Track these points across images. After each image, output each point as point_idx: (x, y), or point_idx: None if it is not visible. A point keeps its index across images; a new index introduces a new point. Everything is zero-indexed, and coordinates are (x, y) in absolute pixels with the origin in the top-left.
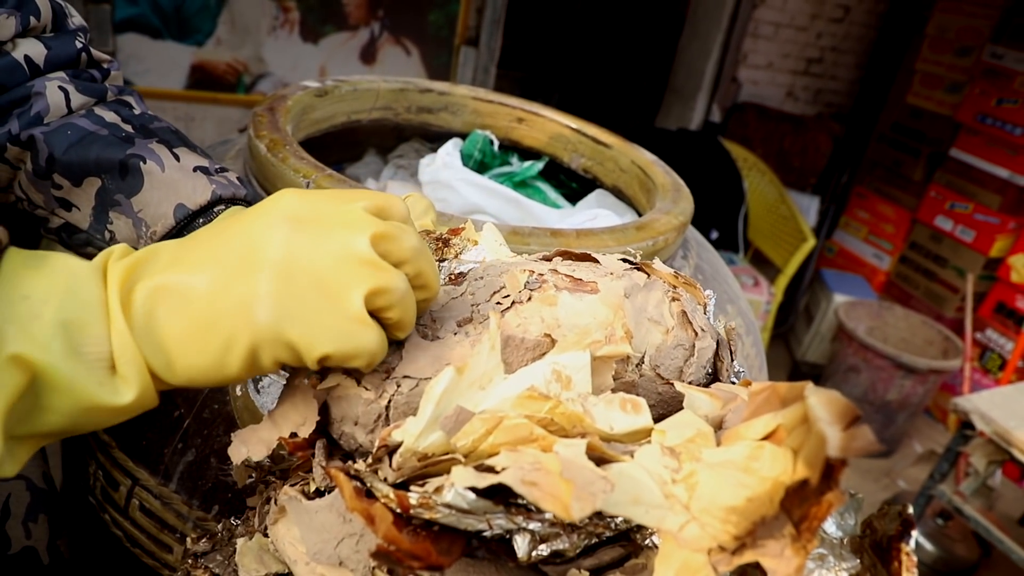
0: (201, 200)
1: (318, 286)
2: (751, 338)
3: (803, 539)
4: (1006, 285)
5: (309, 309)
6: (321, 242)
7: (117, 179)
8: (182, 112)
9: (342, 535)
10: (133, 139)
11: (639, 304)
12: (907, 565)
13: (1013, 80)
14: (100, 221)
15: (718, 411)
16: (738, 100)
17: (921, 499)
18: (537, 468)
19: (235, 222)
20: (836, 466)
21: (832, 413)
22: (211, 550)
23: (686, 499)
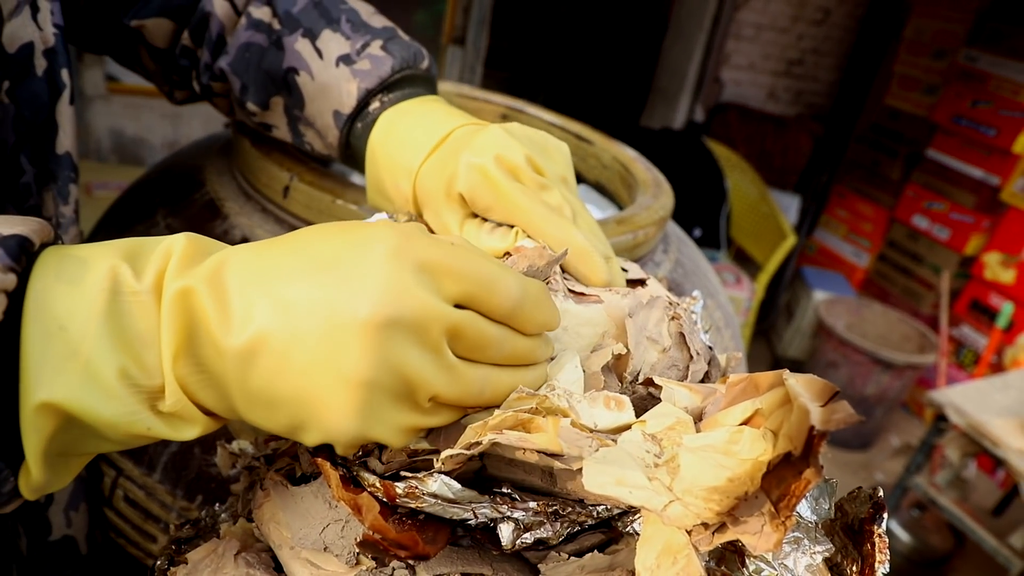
0: (351, 103)
1: (404, 387)
2: (730, 331)
3: (781, 516)
4: (980, 282)
5: (389, 415)
6: (412, 337)
7: (288, 95)
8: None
9: (327, 521)
10: (282, 41)
11: (640, 323)
12: (879, 547)
13: (987, 82)
14: (297, 135)
15: (698, 404)
16: (721, 100)
17: (897, 491)
18: (523, 441)
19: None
20: (815, 441)
21: (811, 392)
22: (194, 536)
23: (668, 481)
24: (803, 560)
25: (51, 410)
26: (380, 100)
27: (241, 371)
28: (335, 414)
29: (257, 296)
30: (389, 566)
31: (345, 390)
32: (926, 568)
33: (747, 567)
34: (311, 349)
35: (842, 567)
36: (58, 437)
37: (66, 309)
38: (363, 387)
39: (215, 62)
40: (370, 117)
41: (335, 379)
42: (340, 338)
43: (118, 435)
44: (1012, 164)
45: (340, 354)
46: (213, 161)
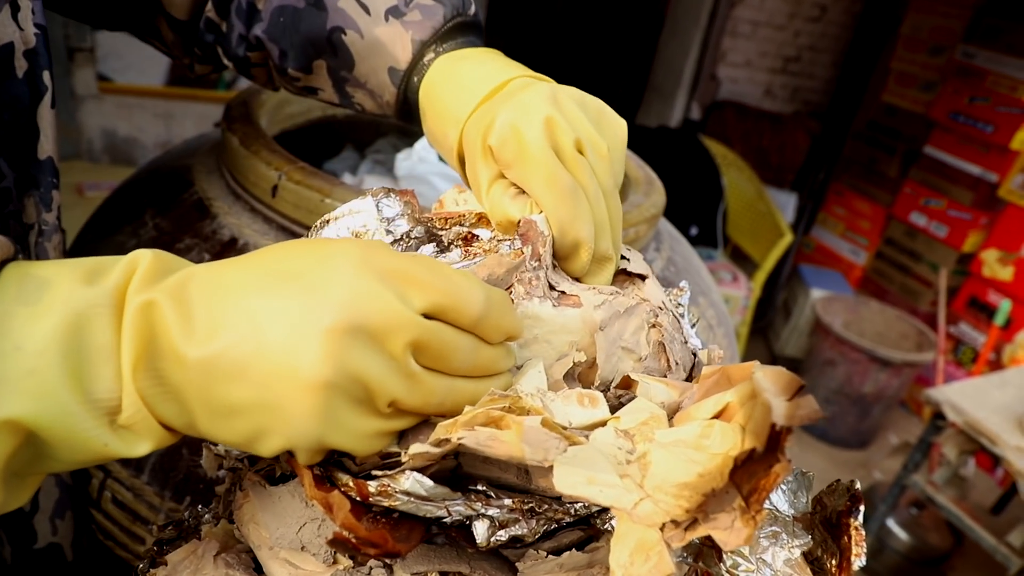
0: (406, 58)
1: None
2: (723, 329)
3: (752, 510)
4: (978, 279)
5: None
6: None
7: (333, 57)
8: (162, 109)
9: (304, 520)
10: (323, 1)
11: (615, 333)
12: (856, 539)
13: (985, 79)
14: (345, 97)
15: (675, 398)
16: (717, 98)
17: (895, 489)
18: (493, 439)
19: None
20: (782, 436)
21: (777, 385)
22: (177, 538)
23: (640, 478)
24: (781, 554)
25: (12, 428)
26: (435, 51)
27: (203, 381)
28: (295, 419)
29: (221, 307)
30: (367, 565)
31: (304, 394)
32: (925, 566)
33: (724, 563)
34: (273, 357)
35: (822, 560)
36: (16, 456)
37: (23, 330)
38: (321, 390)
39: (249, 31)
40: (425, 69)
41: (295, 384)
42: (302, 345)
43: (74, 454)
44: (1010, 161)
45: (301, 360)
46: (202, 161)
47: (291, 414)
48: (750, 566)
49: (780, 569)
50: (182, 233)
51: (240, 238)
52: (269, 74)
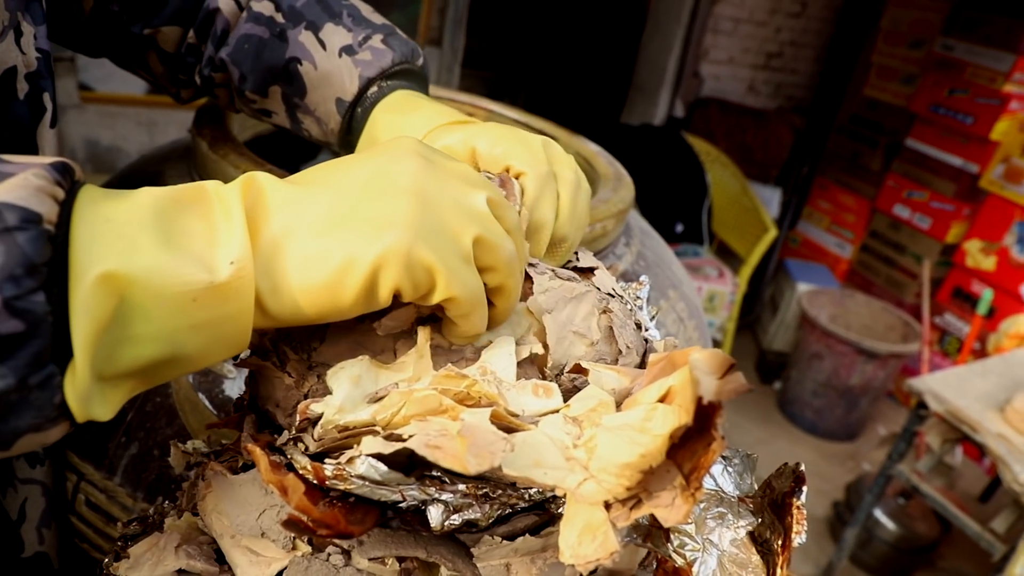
0: (352, 90)
1: (444, 223)
2: (694, 321)
3: (692, 487)
4: (962, 270)
5: (440, 242)
6: (446, 183)
7: (287, 84)
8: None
9: (264, 507)
10: (286, 33)
11: (565, 317)
12: (797, 518)
13: (964, 71)
14: (295, 121)
15: (627, 385)
16: (700, 95)
17: (881, 479)
18: (442, 434)
19: (363, 155)
20: (713, 412)
21: (710, 365)
22: (141, 533)
23: (585, 460)
24: (728, 534)
25: (107, 283)
26: (379, 86)
27: (294, 224)
28: (390, 222)
29: (308, 175)
30: (325, 551)
31: (398, 196)
32: (913, 555)
33: (672, 543)
34: (366, 172)
35: (770, 541)
36: (107, 329)
37: (112, 209)
38: (415, 195)
39: (217, 53)
40: (368, 102)
41: (390, 188)
42: (393, 164)
43: (160, 320)
44: (990, 151)
45: (394, 168)
46: (174, 166)
47: (384, 219)
48: (696, 545)
49: (726, 549)
50: None
51: None
52: (231, 95)
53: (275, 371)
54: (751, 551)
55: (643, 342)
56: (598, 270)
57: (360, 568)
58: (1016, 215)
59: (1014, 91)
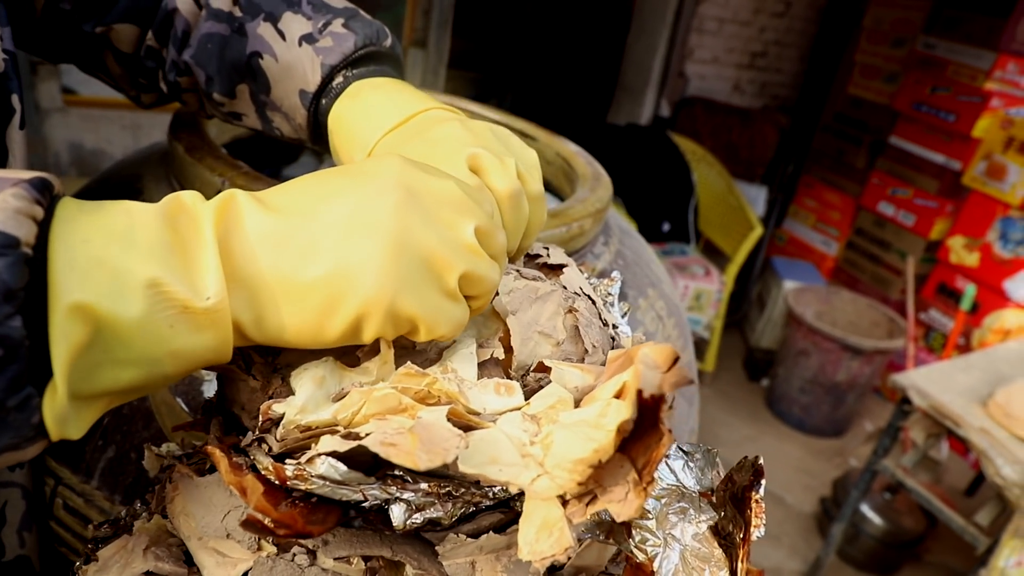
0: (315, 80)
1: (429, 264)
2: (673, 320)
3: (644, 482)
4: (946, 266)
5: (423, 286)
6: (431, 217)
7: (253, 81)
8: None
9: (228, 508)
10: (244, 27)
11: (530, 318)
12: (756, 511)
13: (945, 69)
14: (266, 121)
15: (590, 382)
16: (686, 95)
17: (867, 475)
18: (399, 432)
19: (345, 180)
20: (658, 406)
21: (655, 359)
22: (112, 535)
23: (541, 457)
24: (690, 529)
25: (80, 313)
26: (344, 75)
27: (275, 260)
28: (370, 276)
29: (287, 195)
30: (290, 551)
31: (379, 250)
32: (900, 549)
33: (633, 538)
34: (346, 222)
35: (733, 535)
36: (84, 353)
37: (89, 228)
38: (394, 247)
39: (180, 56)
40: (334, 92)
41: (370, 242)
42: (373, 210)
43: (139, 350)
44: (972, 148)
45: (373, 218)
46: (152, 170)
47: (366, 271)
48: (658, 541)
49: (688, 543)
50: None
51: None
52: (200, 99)
53: (240, 374)
54: (713, 545)
55: (610, 340)
56: (567, 267)
57: (325, 568)
58: (998, 211)
59: (995, 88)
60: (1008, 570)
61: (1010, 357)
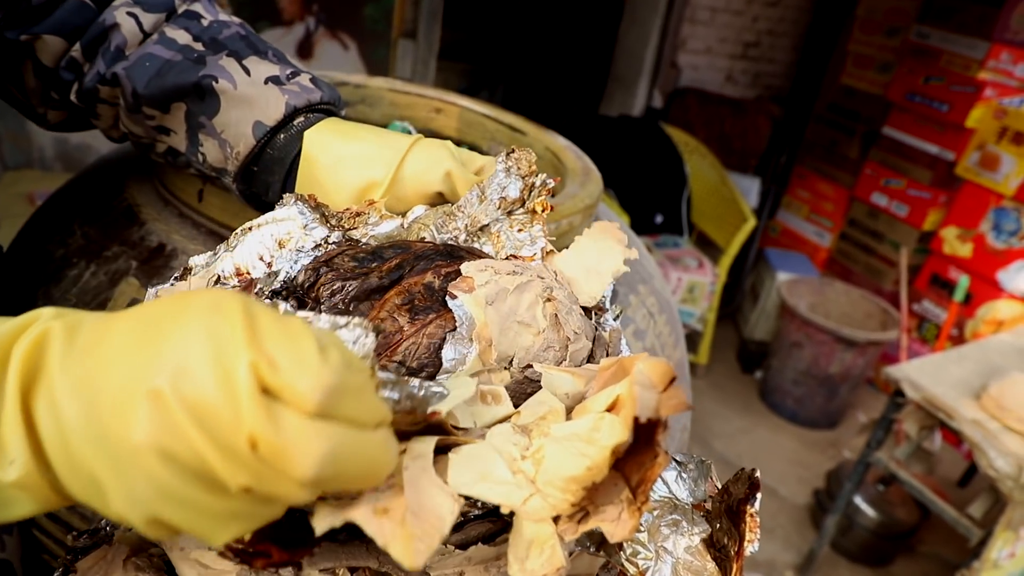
0: (276, 115)
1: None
2: (664, 316)
3: (638, 501)
4: (939, 257)
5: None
6: None
7: (197, 101)
8: None
9: None
10: (204, 59)
11: (508, 308)
12: (751, 525)
13: (939, 58)
14: (193, 143)
15: (581, 388)
16: (679, 85)
17: (860, 467)
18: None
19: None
20: (657, 427)
21: (652, 377)
22: (91, 546)
23: (533, 473)
24: (682, 542)
25: None
26: (306, 116)
27: (59, 437)
28: (125, 484)
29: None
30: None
31: (132, 455)
32: (893, 541)
33: (624, 551)
34: (106, 414)
35: (727, 548)
36: None
37: None
38: (149, 454)
39: (109, 68)
40: (295, 129)
41: (123, 444)
42: (130, 403)
43: None
44: (965, 139)
45: (129, 418)
46: (134, 167)
47: (122, 477)
48: (649, 554)
49: (681, 556)
50: (110, 241)
51: (168, 244)
52: (115, 113)
53: None
54: (706, 558)
55: (592, 327)
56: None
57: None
58: (991, 202)
59: (988, 78)
60: (1001, 561)
61: (1003, 348)
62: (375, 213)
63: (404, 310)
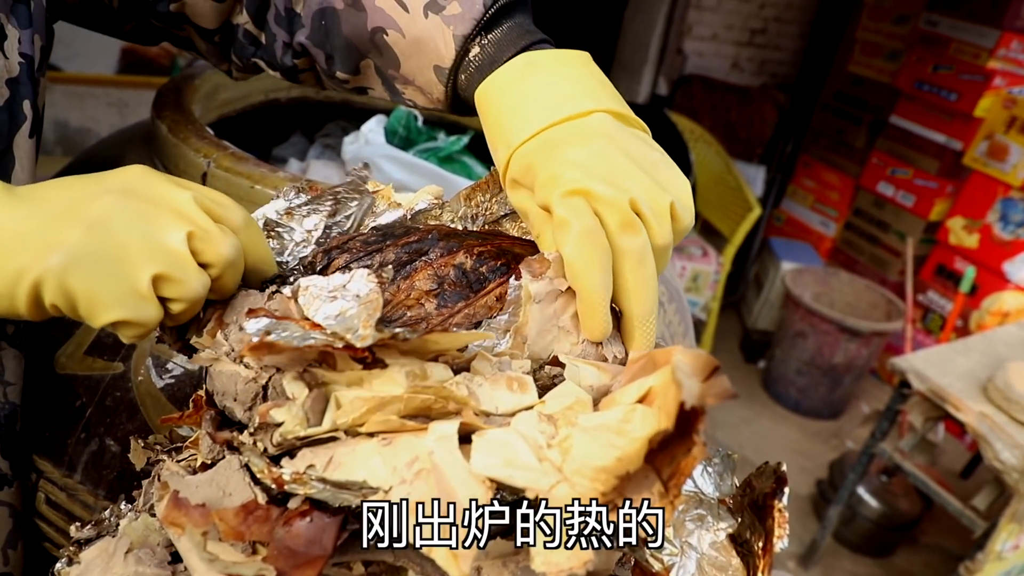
0: (449, 55)
1: (118, 255)
2: (674, 306)
3: (671, 495)
4: (945, 247)
5: (101, 271)
6: (140, 218)
7: (378, 56)
8: (115, 98)
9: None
10: (360, 1)
11: (554, 311)
12: (779, 521)
13: (948, 47)
14: (396, 93)
15: (606, 382)
16: (684, 72)
17: (864, 458)
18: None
19: (84, 182)
20: (696, 417)
21: (693, 367)
22: (96, 537)
23: (559, 462)
24: (707, 537)
25: None
26: (479, 44)
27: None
28: (59, 246)
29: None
30: None
31: (74, 232)
32: (895, 532)
33: (649, 546)
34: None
35: (750, 543)
36: None
37: None
38: (96, 226)
39: (293, 38)
40: (473, 66)
41: (76, 218)
42: (86, 202)
43: None
44: (974, 128)
45: (91, 202)
46: (134, 150)
47: (49, 247)
48: (674, 549)
49: (706, 552)
50: None
51: None
52: (318, 77)
53: (231, 364)
54: (731, 553)
55: (624, 350)
56: None
57: (326, 573)
58: (999, 192)
59: (998, 67)
60: (1004, 554)
61: (1010, 340)
62: (382, 202)
63: (432, 296)
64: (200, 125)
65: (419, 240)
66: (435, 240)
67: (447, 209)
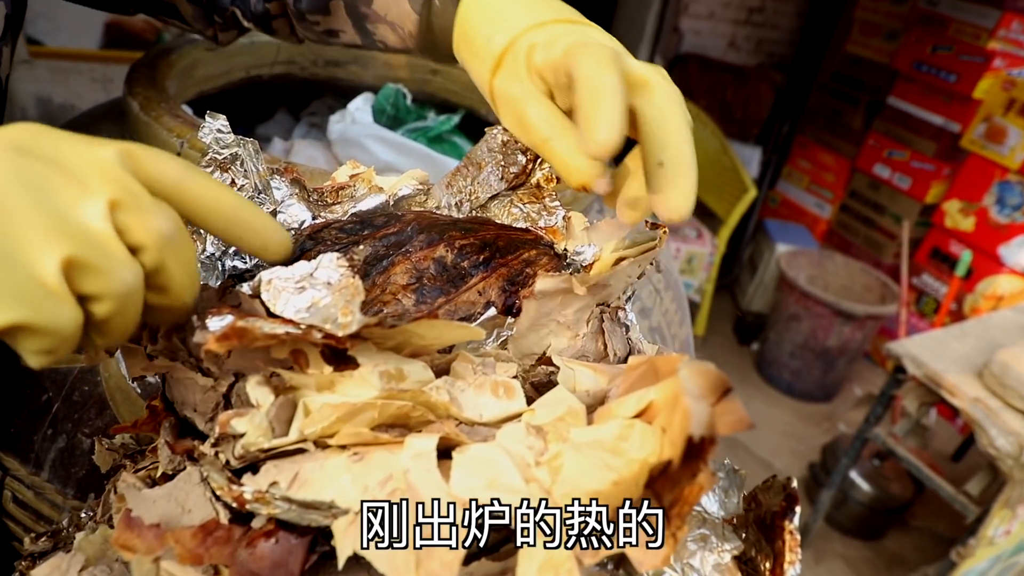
0: None
1: (11, 234)
2: (671, 293)
3: (673, 526)
4: (941, 230)
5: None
6: (44, 189)
7: None
8: (99, 73)
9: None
10: None
11: (551, 306)
12: (791, 545)
13: (947, 27)
14: (367, 35)
15: (603, 386)
16: (680, 51)
17: (857, 442)
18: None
19: None
20: (706, 444)
21: (702, 386)
22: (51, 549)
23: (548, 483)
24: (711, 559)
25: None
26: None
27: None
28: None
29: None
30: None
31: None
32: (887, 515)
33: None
34: None
35: (756, 562)
36: None
37: None
38: None
39: None
40: None
41: None
42: None
43: None
44: (972, 110)
45: None
46: (107, 128)
47: None
48: (675, 573)
49: (709, 574)
50: None
51: None
52: (291, 24)
53: (188, 371)
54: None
55: (627, 346)
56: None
57: None
58: (996, 175)
59: (998, 48)
60: (996, 539)
61: (1005, 325)
62: (362, 185)
63: (410, 290)
64: (174, 103)
65: (397, 232)
66: (415, 232)
67: (432, 195)
